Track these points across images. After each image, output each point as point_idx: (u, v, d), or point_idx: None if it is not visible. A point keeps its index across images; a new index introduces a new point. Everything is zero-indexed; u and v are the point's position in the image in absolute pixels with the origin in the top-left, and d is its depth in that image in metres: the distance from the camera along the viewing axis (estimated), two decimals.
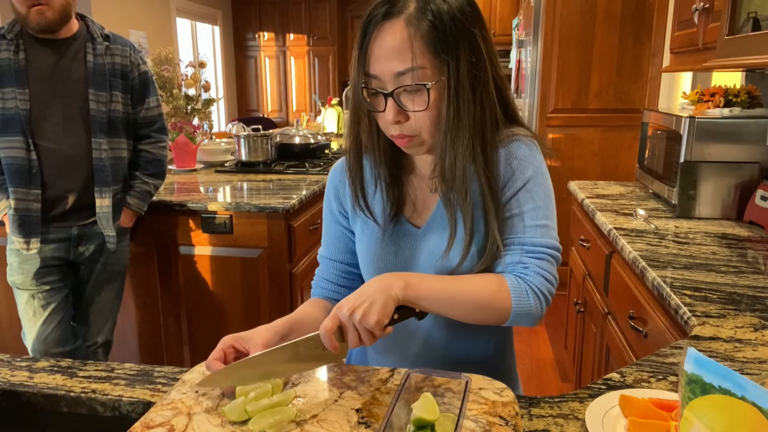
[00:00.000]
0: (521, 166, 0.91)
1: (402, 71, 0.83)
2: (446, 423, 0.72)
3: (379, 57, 0.84)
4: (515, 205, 0.90)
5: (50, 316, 1.92)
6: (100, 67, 1.86)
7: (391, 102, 0.85)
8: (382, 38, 0.83)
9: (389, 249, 0.99)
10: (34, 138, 1.79)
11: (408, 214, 0.99)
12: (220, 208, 2.20)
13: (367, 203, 0.99)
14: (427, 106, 0.85)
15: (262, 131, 3.09)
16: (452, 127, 0.86)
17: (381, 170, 0.98)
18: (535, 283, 0.87)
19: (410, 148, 0.91)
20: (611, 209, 2.02)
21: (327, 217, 1.08)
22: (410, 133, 0.88)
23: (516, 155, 0.91)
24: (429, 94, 0.84)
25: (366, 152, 0.98)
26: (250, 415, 0.76)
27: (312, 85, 7.56)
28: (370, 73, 0.86)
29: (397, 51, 0.82)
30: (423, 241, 0.97)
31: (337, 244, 1.07)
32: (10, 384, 0.91)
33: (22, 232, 1.83)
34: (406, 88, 0.84)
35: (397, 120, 0.86)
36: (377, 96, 0.87)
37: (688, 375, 0.60)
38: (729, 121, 1.84)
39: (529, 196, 0.90)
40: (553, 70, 3.46)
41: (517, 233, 0.90)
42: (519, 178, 0.91)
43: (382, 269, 1.00)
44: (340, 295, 1.08)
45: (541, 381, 2.74)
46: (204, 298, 2.29)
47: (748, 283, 1.31)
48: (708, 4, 1.93)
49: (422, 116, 0.86)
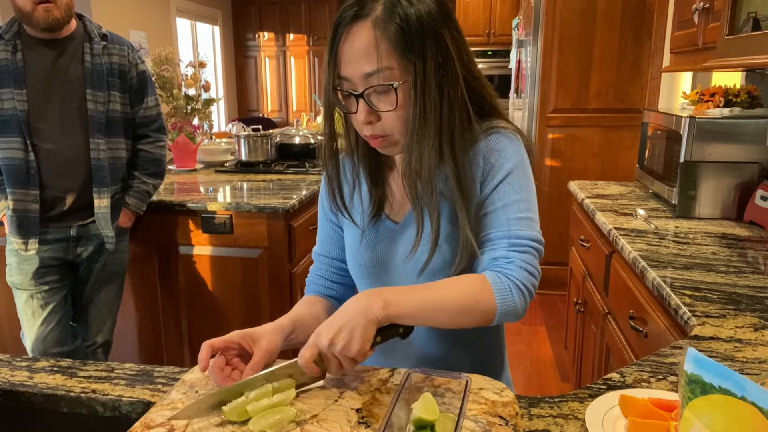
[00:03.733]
0: (501, 158, 0.91)
1: (370, 72, 0.84)
2: (446, 423, 0.72)
3: (350, 59, 0.85)
4: (497, 198, 0.90)
5: (49, 316, 1.92)
6: (98, 66, 1.86)
7: (362, 103, 0.87)
8: (351, 40, 0.84)
9: (368, 245, 1.00)
10: (32, 138, 1.79)
11: (388, 210, 1.00)
12: (220, 208, 2.20)
13: (345, 204, 1.00)
14: (396, 105, 0.86)
15: (262, 131, 3.09)
16: (418, 126, 0.86)
17: (361, 171, 1.00)
18: (518, 278, 0.85)
19: (384, 148, 0.92)
20: (611, 209, 2.02)
21: (320, 214, 1.10)
22: (382, 133, 0.89)
23: (495, 147, 0.91)
24: (397, 94, 0.85)
25: (345, 154, 1.00)
26: (250, 415, 0.76)
27: (312, 85, 7.56)
28: (341, 74, 0.87)
29: (365, 52, 0.84)
30: (401, 235, 0.98)
31: (329, 241, 1.09)
32: (10, 384, 0.91)
33: (21, 232, 1.83)
34: (375, 89, 0.86)
35: (368, 120, 0.88)
36: (349, 97, 0.88)
37: (688, 375, 0.60)
38: (729, 121, 1.84)
39: (512, 189, 0.90)
40: (553, 70, 3.46)
41: (501, 227, 0.89)
42: (499, 171, 0.90)
43: (361, 265, 1.02)
44: (334, 291, 1.09)
45: (541, 381, 2.74)
46: (204, 298, 2.29)
47: (748, 283, 1.31)
48: (708, 4, 1.93)
49: (392, 116, 0.87)
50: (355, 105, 0.88)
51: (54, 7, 1.73)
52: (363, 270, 1.02)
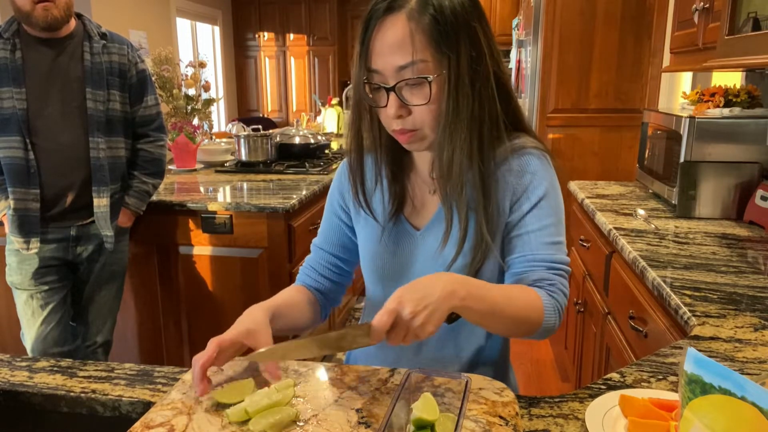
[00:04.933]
0: (535, 180, 0.91)
1: (403, 65, 0.83)
2: (446, 423, 0.72)
3: (381, 51, 0.84)
4: (532, 221, 0.91)
5: (49, 316, 1.92)
6: (98, 65, 1.86)
7: (393, 96, 0.86)
8: (384, 33, 0.83)
9: (388, 248, 0.99)
10: (31, 137, 1.79)
11: (408, 213, 0.99)
12: (220, 208, 2.20)
13: (368, 201, 0.99)
14: (429, 99, 0.85)
15: (262, 131, 3.09)
16: (451, 121, 0.86)
17: (382, 167, 0.98)
18: (560, 301, 0.88)
19: (412, 143, 0.91)
20: (611, 209, 2.02)
21: (328, 208, 1.09)
22: (412, 127, 0.88)
23: (529, 170, 0.92)
24: (430, 88, 0.84)
25: (367, 150, 0.98)
26: (251, 416, 0.76)
27: (312, 85, 7.56)
28: (372, 67, 0.86)
29: (399, 45, 0.82)
30: (422, 242, 0.97)
31: (331, 235, 1.08)
32: (10, 384, 0.91)
33: (22, 232, 1.83)
34: (407, 82, 0.84)
35: (399, 114, 0.87)
36: (379, 91, 0.87)
37: (688, 375, 0.60)
38: (729, 121, 1.84)
39: (546, 212, 0.91)
40: (553, 70, 3.46)
41: (539, 250, 0.90)
42: (534, 194, 0.91)
43: (380, 268, 1.01)
44: (322, 286, 1.08)
45: (541, 381, 2.74)
46: (204, 298, 2.29)
47: (748, 283, 1.31)
48: (708, 4, 1.93)
49: (424, 110, 0.86)
50: (384, 99, 0.87)
51: (53, 6, 1.73)
52: (379, 273, 1.01)
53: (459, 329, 1.00)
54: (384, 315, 0.74)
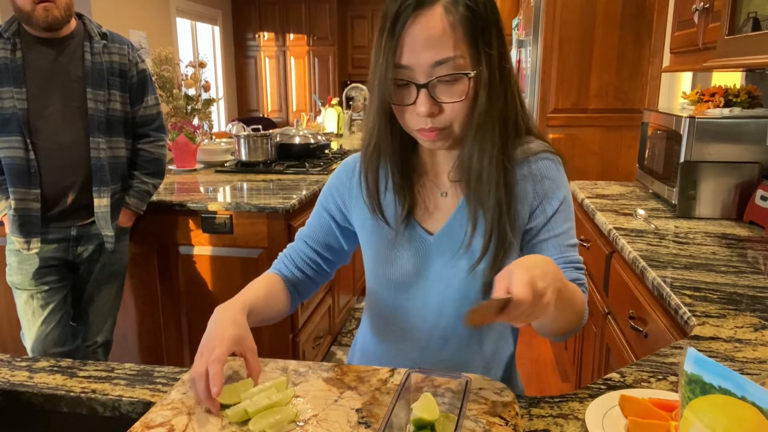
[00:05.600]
0: (554, 186, 0.92)
1: (440, 60, 0.80)
2: (446, 423, 0.72)
3: (414, 47, 0.80)
4: (555, 226, 0.92)
5: (49, 316, 1.92)
6: (98, 65, 1.86)
7: (424, 93, 0.81)
8: (419, 27, 0.79)
9: (401, 254, 0.97)
10: (32, 137, 1.79)
11: (419, 217, 0.97)
12: (220, 208, 2.20)
13: (380, 204, 0.96)
14: (465, 96, 0.82)
15: (262, 131, 3.09)
16: (484, 121, 0.84)
17: (394, 171, 0.95)
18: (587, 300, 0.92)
19: (436, 141, 0.87)
20: (611, 209, 2.02)
21: (320, 204, 1.06)
22: (441, 125, 0.85)
23: (547, 175, 0.92)
24: (469, 84, 0.81)
25: (383, 152, 0.94)
26: (250, 416, 0.76)
27: (312, 85, 7.56)
28: (401, 63, 0.81)
29: (437, 40, 0.79)
30: (436, 246, 0.95)
31: (317, 232, 1.06)
32: (10, 384, 0.91)
33: (23, 232, 1.83)
34: (441, 79, 0.81)
35: (430, 113, 0.83)
36: (406, 88, 0.84)
37: (688, 375, 0.60)
38: (729, 121, 1.84)
39: (565, 217, 0.93)
40: (553, 70, 3.46)
41: (566, 252, 0.92)
42: (555, 199, 0.92)
43: (392, 274, 0.98)
44: (296, 279, 1.05)
45: (541, 381, 2.74)
46: (204, 298, 2.29)
47: (748, 283, 1.31)
48: (708, 4, 1.93)
49: (457, 108, 0.83)
50: (412, 96, 0.83)
51: (53, 6, 1.73)
52: (391, 278, 0.98)
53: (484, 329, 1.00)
54: (523, 287, 0.67)
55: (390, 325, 1.03)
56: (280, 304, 1.01)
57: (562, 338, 0.95)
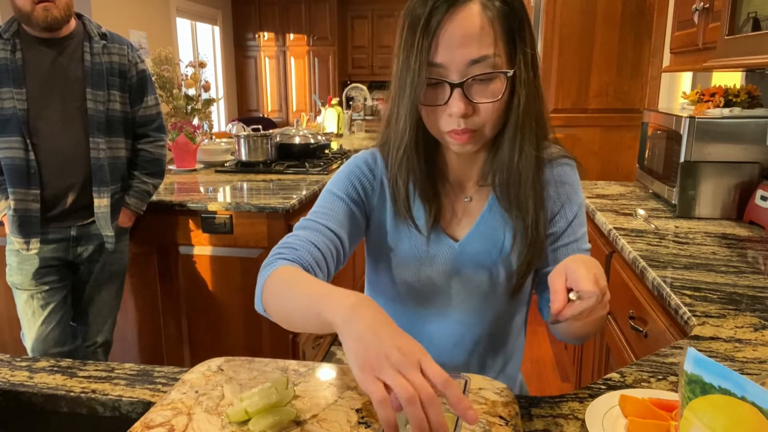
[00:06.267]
0: (571, 192, 0.93)
1: (477, 59, 0.77)
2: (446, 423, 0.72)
3: (451, 44, 0.77)
4: (576, 229, 0.93)
5: (49, 316, 1.92)
6: (98, 66, 1.86)
7: (458, 93, 0.78)
8: (456, 23, 0.76)
9: (430, 262, 0.94)
10: (32, 138, 1.79)
11: (444, 223, 0.94)
12: (220, 208, 2.20)
13: (411, 210, 0.92)
14: (501, 96, 0.79)
15: (262, 131, 3.09)
16: (521, 122, 0.82)
17: (420, 176, 0.91)
18: None
19: (466, 144, 0.83)
20: (611, 209, 2.02)
21: (337, 190, 0.94)
22: (474, 127, 0.81)
23: (567, 181, 0.93)
24: (506, 84, 0.79)
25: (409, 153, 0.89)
26: (250, 416, 0.76)
27: (312, 85, 7.56)
28: (436, 62, 0.78)
29: (476, 37, 0.76)
30: (462, 253, 0.93)
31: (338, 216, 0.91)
32: (10, 384, 0.91)
33: (22, 232, 1.83)
34: (476, 78, 0.78)
35: (465, 113, 0.79)
36: (438, 87, 0.80)
37: (688, 375, 0.60)
38: (729, 121, 1.84)
39: (582, 222, 0.95)
40: (553, 70, 3.46)
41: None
42: (573, 206, 0.93)
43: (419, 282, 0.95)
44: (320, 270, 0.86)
45: (541, 381, 2.74)
46: (204, 298, 2.29)
47: (748, 283, 1.31)
48: (708, 4, 1.93)
49: (491, 108, 0.80)
50: (445, 96, 0.79)
51: (53, 6, 1.73)
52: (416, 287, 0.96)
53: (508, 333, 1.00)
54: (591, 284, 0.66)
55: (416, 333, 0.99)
56: None
57: (580, 341, 0.95)
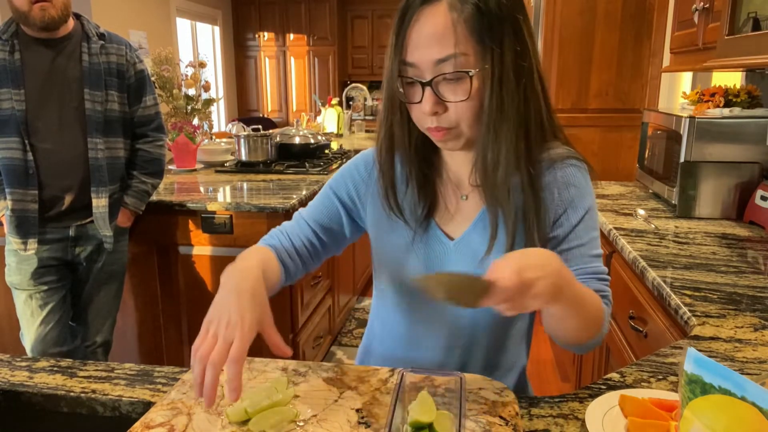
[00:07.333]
0: (579, 194, 0.89)
1: (442, 58, 0.78)
2: (445, 422, 0.72)
3: (418, 43, 0.79)
4: (579, 235, 0.89)
5: (48, 316, 1.92)
6: (96, 66, 1.86)
7: (428, 91, 0.80)
8: (423, 23, 0.79)
9: (419, 257, 0.94)
10: (30, 138, 1.79)
11: (439, 219, 0.94)
12: (220, 208, 2.20)
13: (398, 202, 0.94)
14: (469, 95, 0.80)
15: (262, 131, 3.09)
16: (495, 119, 0.81)
17: (412, 168, 0.93)
18: (610, 313, 0.89)
19: (446, 142, 0.86)
20: (611, 209, 2.02)
21: (331, 189, 1.01)
22: (448, 125, 0.83)
23: (573, 182, 0.89)
24: (471, 83, 0.79)
25: (397, 148, 0.92)
26: (250, 416, 0.76)
27: (312, 85, 7.56)
28: (408, 60, 0.81)
29: (439, 37, 0.78)
30: (457, 253, 0.92)
31: (322, 213, 1.00)
32: (10, 384, 0.91)
33: (20, 232, 1.83)
34: (445, 77, 0.79)
35: (434, 111, 0.81)
36: (413, 85, 0.82)
37: (688, 375, 0.60)
38: (729, 121, 1.84)
39: (590, 226, 0.90)
40: (553, 70, 3.46)
41: (590, 262, 0.90)
42: (580, 208, 0.89)
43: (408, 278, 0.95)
44: (288, 258, 0.96)
45: (541, 381, 2.74)
46: (204, 298, 2.29)
47: (748, 283, 1.31)
48: (708, 4, 1.93)
49: (463, 106, 0.81)
50: (419, 94, 0.82)
51: (50, 5, 1.73)
52: (406, 284, 0.95)
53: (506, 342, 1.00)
54: (508, 273, 0.66)
55: (411, 331, 1.01)
56: (274, 279, 0.92)
57: (581, 349, 0.90)
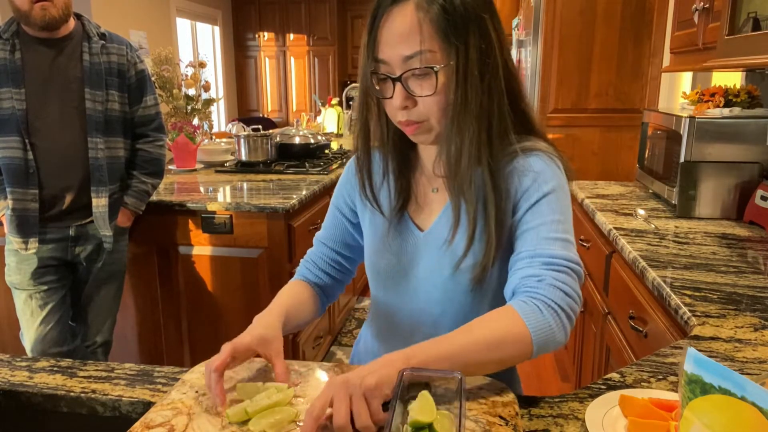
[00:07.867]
0: (539, 179, 0.87)
1: (410, 55, 0.82)
2: (445, 422, 0.72)
3: (388, 41, 0.84)
4: (531, 218, 0.86)
5: (48, 316, 1.92)
6: (96, 66, 1.86)
7: (398, 87, 0.85)
8: (391, 22, 0.83)
9: (391, 248, 0.98)
10: (30, 138, 1.79)
11: (412, 211, 0.99)
12: (220, 208, 2.20)
13: (375, 194, 0.99)
14: (435, 90, 0.84)
15: (262, 131, 3.09)
16: (459, 113, 0.85)
17: (389, 161, 0.98)
18: (549, 297, 0.78)
19: (418, 135, 0.90)
20: (611, 209, 2.02)
21: (333, 204, 1.09)
22: (418, 119, 0.87)
23: (532, 169, 0.88)
24: (437, 78, 0.83)
25: (374, 143, 0.97)
26: (250, 416, 0.76)
27: (312, 85, 7.56)
28: (379, 58, 0.85)
29: (406, 35, 0.82)
30: (425, 243, 0.96)
31: (334, 232, 1.08)
32: (10, 384, 0.91)
33: (20, 232, 1.83)
34: (414, 72, 0.83)
35: (404, 105, 0.86)
36: (386, 82, 0.87)
37: (688, 375, 0.60)
38: (729, 121, 1.84)
39: (547, 210, 0.85)
40: (553, 70, 3.46)
41: (533, 246, 0.84)
42: (536, 192, 0.86)
43: (382, 268, 1.00)
44: (322, 281, 1.08)
45: (541, 381, 2.74)
46: (204, 298, 2.29)
47: (748, 283, 1.31)
48: (708, 4, 1.93)
49: (430, 101, 0.85)
50: (391, 90, 0.86)
51: (51, 5, 1.73)
52: (381, 273, 1.00)
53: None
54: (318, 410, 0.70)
55: (385, 322, 1.05)
56: (309, 309, 1.04)
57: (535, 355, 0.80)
